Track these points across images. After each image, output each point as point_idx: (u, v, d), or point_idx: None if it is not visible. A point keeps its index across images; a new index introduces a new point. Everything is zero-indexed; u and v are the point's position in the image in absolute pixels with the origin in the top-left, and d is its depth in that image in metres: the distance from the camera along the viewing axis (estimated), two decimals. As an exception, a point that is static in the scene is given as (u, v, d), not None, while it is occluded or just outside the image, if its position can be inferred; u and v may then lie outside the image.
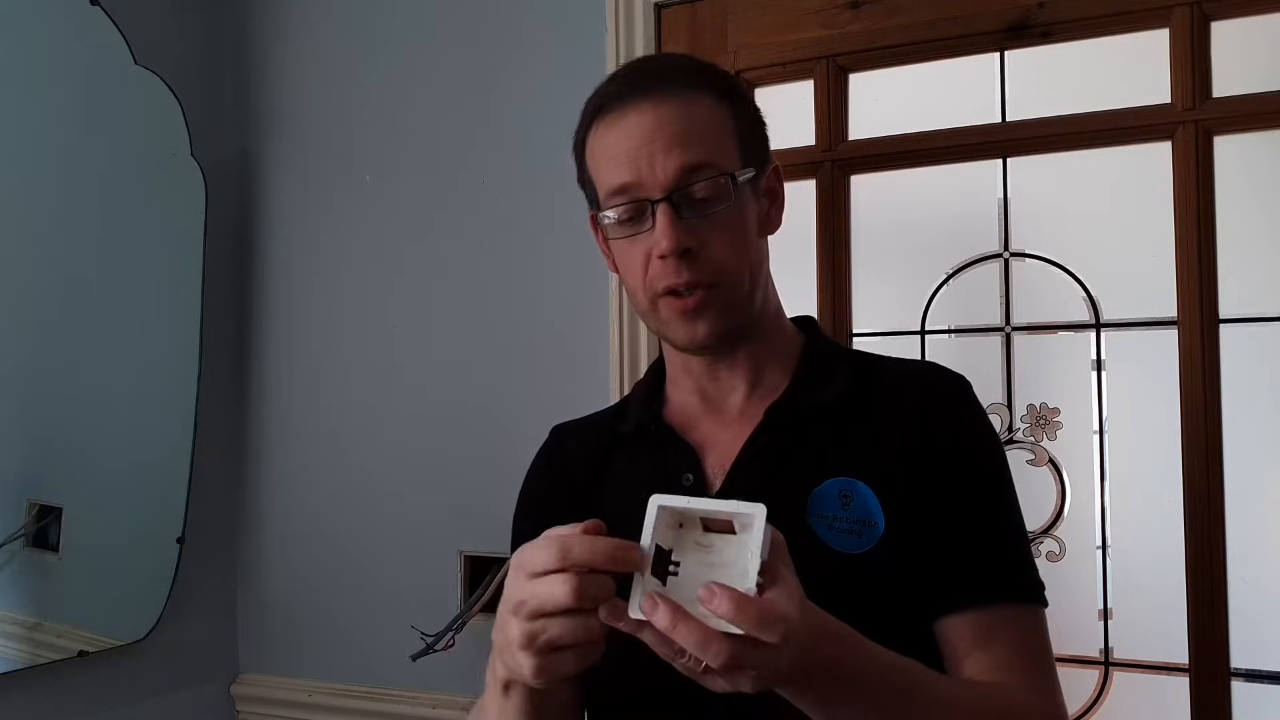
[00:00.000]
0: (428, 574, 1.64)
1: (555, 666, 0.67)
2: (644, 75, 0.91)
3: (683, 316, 0.88)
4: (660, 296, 0.89)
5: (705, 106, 0.88)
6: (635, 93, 0.88)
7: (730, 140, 0.89)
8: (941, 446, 0.88)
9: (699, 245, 0.86)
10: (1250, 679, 1.24)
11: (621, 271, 0.93)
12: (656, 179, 0.86)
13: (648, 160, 0.86)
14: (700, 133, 0.87)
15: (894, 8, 1.41)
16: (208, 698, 1.77)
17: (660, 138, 0.86)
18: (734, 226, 0.88)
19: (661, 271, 0.87)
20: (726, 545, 0.65)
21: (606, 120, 0.90)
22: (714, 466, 0.91)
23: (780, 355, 0.96)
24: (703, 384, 0.96)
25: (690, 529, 0.66)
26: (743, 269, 0.89)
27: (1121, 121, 1.31)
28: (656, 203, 0.86)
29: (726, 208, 0.87)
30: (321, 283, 1.78)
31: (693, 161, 0.85)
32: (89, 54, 1.60)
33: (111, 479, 1.63)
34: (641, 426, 0.97)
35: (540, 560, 0.66)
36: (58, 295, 1.57)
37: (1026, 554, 0.89)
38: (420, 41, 1.71)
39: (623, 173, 0.87)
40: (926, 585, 0.84)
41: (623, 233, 0.89)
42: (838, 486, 0.87)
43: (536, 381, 1.58)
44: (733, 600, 0.61)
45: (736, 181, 0.88)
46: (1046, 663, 0.87)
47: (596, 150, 0.91)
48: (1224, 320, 1.26)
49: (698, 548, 0.66)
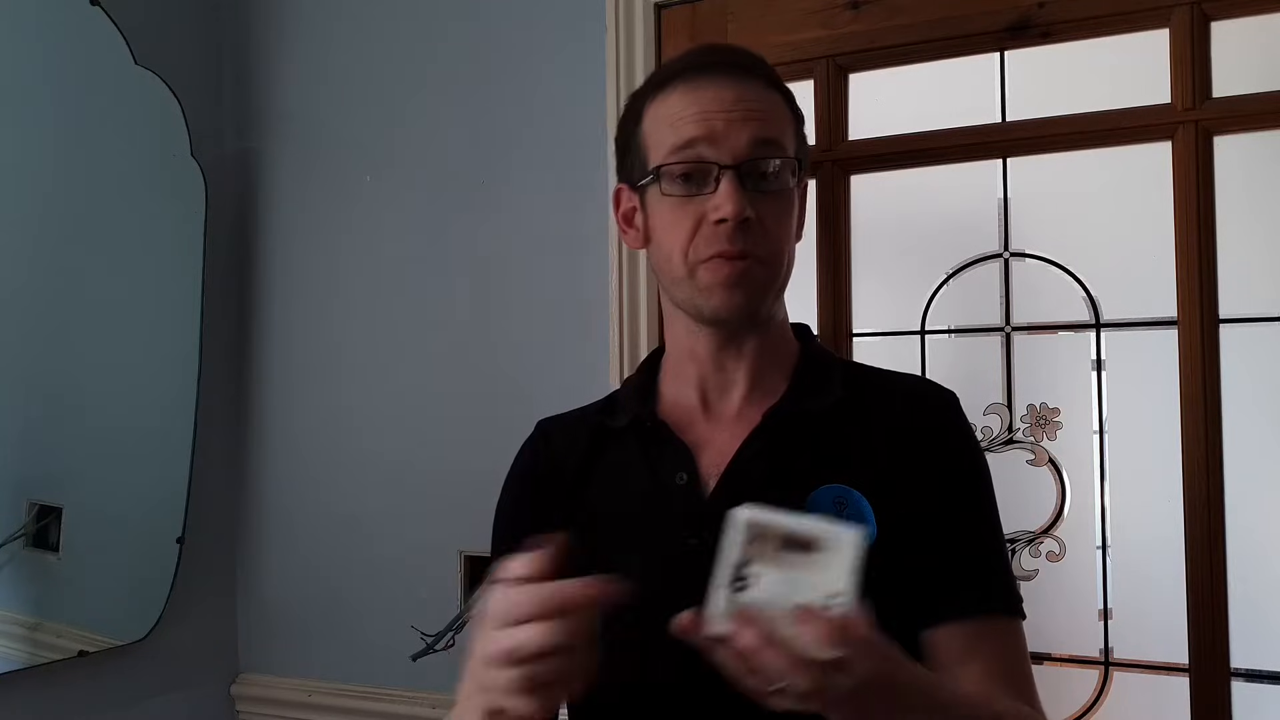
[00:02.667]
0: (428, 574, 1.64)
1: (555, 700, 0.66)
2: (728, 53, 0.95)
3: (725, 284, 0.88)
4: (703, 262, 0.89)
5: (779, 101, 0.92)
6: (720, 67, 0.90)
7: (791, 136, 0.92)
8: (932, 459, 0.89)
9: (758, 218, 0.87)
10: (1250, 679, 1.24)
11: (661, 234, 0.92)
12: (730, 144, 0.87)
13: (725, 124, 0.87)
14: (776, 117, 0.90)
15: (894, 8, 1.41)
16: (208, 698, 1.77)
17: (741, 108, 0.88)
18: (787, 210, 0.91)
19: (713, 236, 0.87)
20: (809, 564, 0.63)
21: (682, 87, 0.90)
22: (709, 467, 0.91)
23: (780, 360, 0.96)
24: (706, 373, 0.95)
25: (765, 542, 0.64)
26: (784, 253, 0.91)
27: (1121, 121, 1.31)
28: (725, 168, 0.87)
29: (785, 190, 0.90)
30: (322, 283, 1.78)
31: (768, 136, 0.88)
32: (89, 54, 1.60)
33: (111, 479, 1.62)
34: (635, 422, 0.96)
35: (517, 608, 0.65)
36: (58, 295, 1.57)
37: (1009, 569, 0.92)
38: (420, 41, 1.71)
39: (696, 129, 0.87)
40: (916, 596, 0.85)
41: (678, 191, 0.89)
42: (833, 494, 0.87)
43: (537, 381, 1.58)
44: (835, 626, 0.61)
45: (799, 166, 0.91)
46: (1028, 673, 0.89)
47: (661, 113, 0.91)
48: (1224, 320, 1.26)
49: (774, 562, 0.64)
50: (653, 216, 0.93)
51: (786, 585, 0.63)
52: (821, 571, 0.62)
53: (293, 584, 1.78)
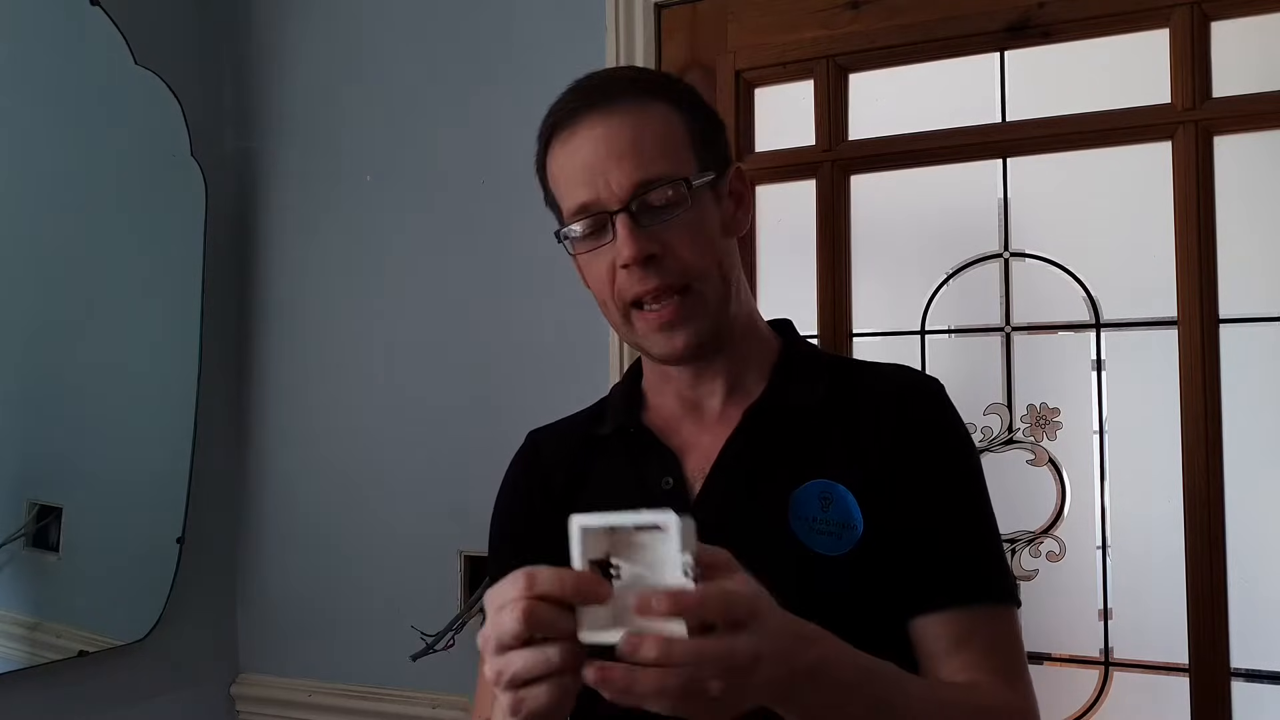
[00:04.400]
0: (428, 574, 1.64)
1: (530, 704, 0.63)
2: (591, 91, 0.91)
3: (659, 330, 0.88)
4: (632, 309, 0.89)
5: (656, 115, 0.89)
6: (584, 108, 0.89)
7: (684, 146, 0.89)
8: (918, 449, 0.89)
9: (662, 250, 0.86)
10: (1250, 679, 1.24)
11: (592, 286, 0.94)
12: (613, 192, 0.86)
13: (603, 176, 0.86)
14: (652, 141, 0.87)
15: (894, 8, 1.41)
16: (208, 698, 1.77)
17: (612, 152, 0.86)
18: (696, 229, 0.88)
19: (628, 281, 0.87)
20: (652, 551, 0.63)
21: (559, 139, 0.90)
22: (694, 470, 0.92)
23: (757, 358, 0.96)
24: (683, 390, 0.96)
25: (623, 532, 0.64)
26: (710, 270, 0.89)
27: (1121, 121, 1.31)
28: (615, 214, 0.86)
29: (685, 211, 0.87)
30: (321, 282, 1.78)
31: (646, 174, 0.86)
32: (89, 54, 1.60)
33: (111, 479, 1.63)
34: (621, 430, 0.97)
35: (502, 593, 0.64)
36: (58, 295, 1.57)
37: (1002, 556, 0.91)
38: (420, 41, 1.71)
39: (580, 192, 0.88)
40: (904, 585, 0.85)
41: (587, 246, 0.90)
42: (818, 488, 0.87)
43: (537, 381, 1.58)
44: (669, 595, 0.59)
45: (693, 186, 0.88)
46: (1021, 663, 0.88)
47: (554, 171, 0.92)
48: (1224, 320, 1.26)
49: (634, 548, 0.63)
50: (581, 265, 0.94)
51: (644, 568, 0.63)
52: (663, 556, 0.62)
53: (293, 584, 1.78)
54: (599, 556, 0.64)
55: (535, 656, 0.62)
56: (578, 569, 0.62)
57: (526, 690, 0.63)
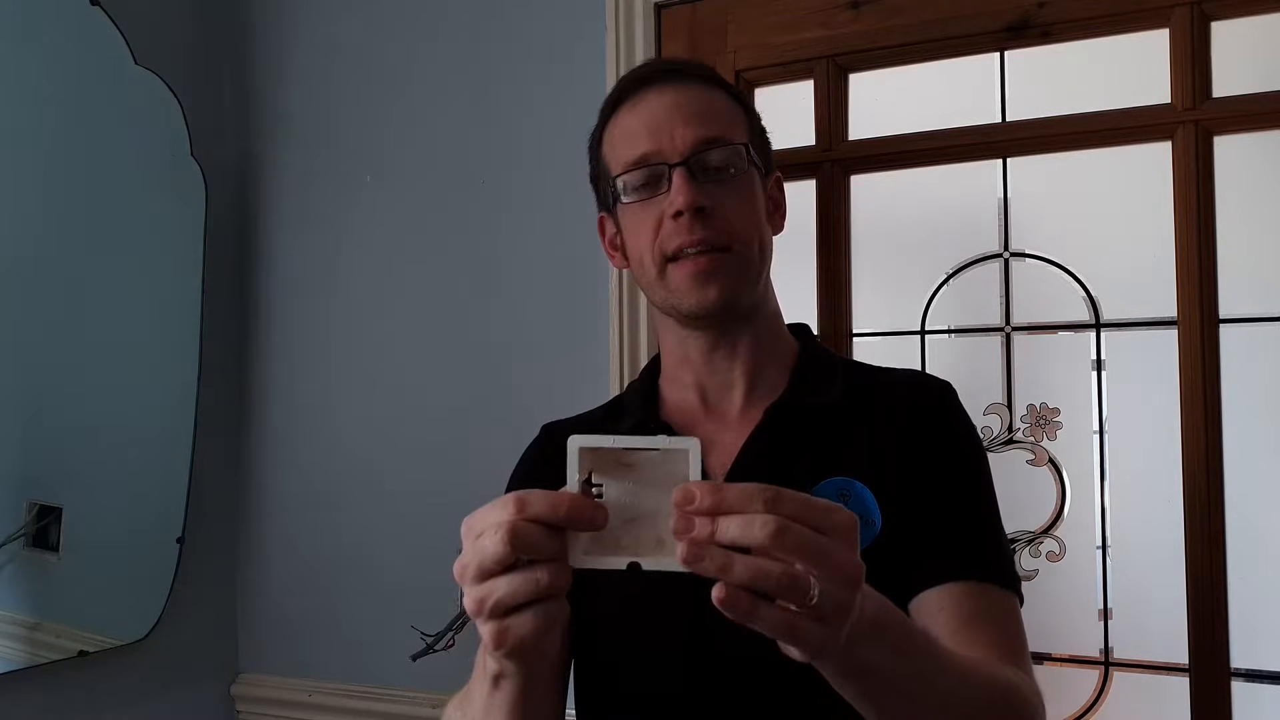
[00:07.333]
0: (428, 574, 1.64)
1: (514, 632, 0.59)
2: (663, 67, 0.98)
3: (694, 279, 0.90)
4: (670, 261, 0.91)
5: (722, 98, 0.95)
6: (656, 79, 0.94)
7: (745, 131, 0.95)
8: (931, 448, 0.90)
9: (713, 205, 0.89)
10: (1250, 679, 1.24)
11: (631, 240, 0.95)
12: (675, 146, 0.90)
13: (668, 130, 0.90)
14: (718, 113, 0.93)
15: (894, 8, 1.41)
16: (208, 698, 1.77)
17: (680, 111, 0.91)
18: (746, 194, 0.93)
19: (674, 230, 0.90)
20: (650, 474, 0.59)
21: (627, 104, 0.95)
22: (714, 466, 0.92)
23: (778, 358, 0.98)
24: (701, 376, 0.97)
25: (610, 455, 0.60)
26: (753, 237, 0.92)
27: (1121, 121, 1.31)
28: (674, 166, 0.90)
29: (740, 175, 0.92)
30: (322, 282, 1.78)
31: (710, 134, 0.91)
32: (89, 54, 1.60)
33: (111, 479, 1.62)
34: (639, 425, 0.96)
35: (483, 519, 0.60)
36: (58, 295, 1.56)
37: (1007, 547, 0.93)
38: (420, 41, 1.71)
39: (642, 144, 0.91)
40: (914, 565, 0.85)
41: (638, 196, 0.92)
42: (837, 486, 0.88)
43: (537, 381, 1.58)
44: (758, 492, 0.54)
45: (750, 151, 0.93)
46: (1027, 651, 0.88)
47: (615, 134, 0.95)
48: (1224, 320, 1.26)
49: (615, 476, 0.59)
50: (625, 230, 0.96)
51: (630, 495, 0.59)
52: (667, 477, 0.58)
53: (293, 584, 1.78)
54: (582, 478, 0.60)
55: (523, 579, 0.58)
56: (573, 492, 0.59)
57: (512, 619, 0.59)
